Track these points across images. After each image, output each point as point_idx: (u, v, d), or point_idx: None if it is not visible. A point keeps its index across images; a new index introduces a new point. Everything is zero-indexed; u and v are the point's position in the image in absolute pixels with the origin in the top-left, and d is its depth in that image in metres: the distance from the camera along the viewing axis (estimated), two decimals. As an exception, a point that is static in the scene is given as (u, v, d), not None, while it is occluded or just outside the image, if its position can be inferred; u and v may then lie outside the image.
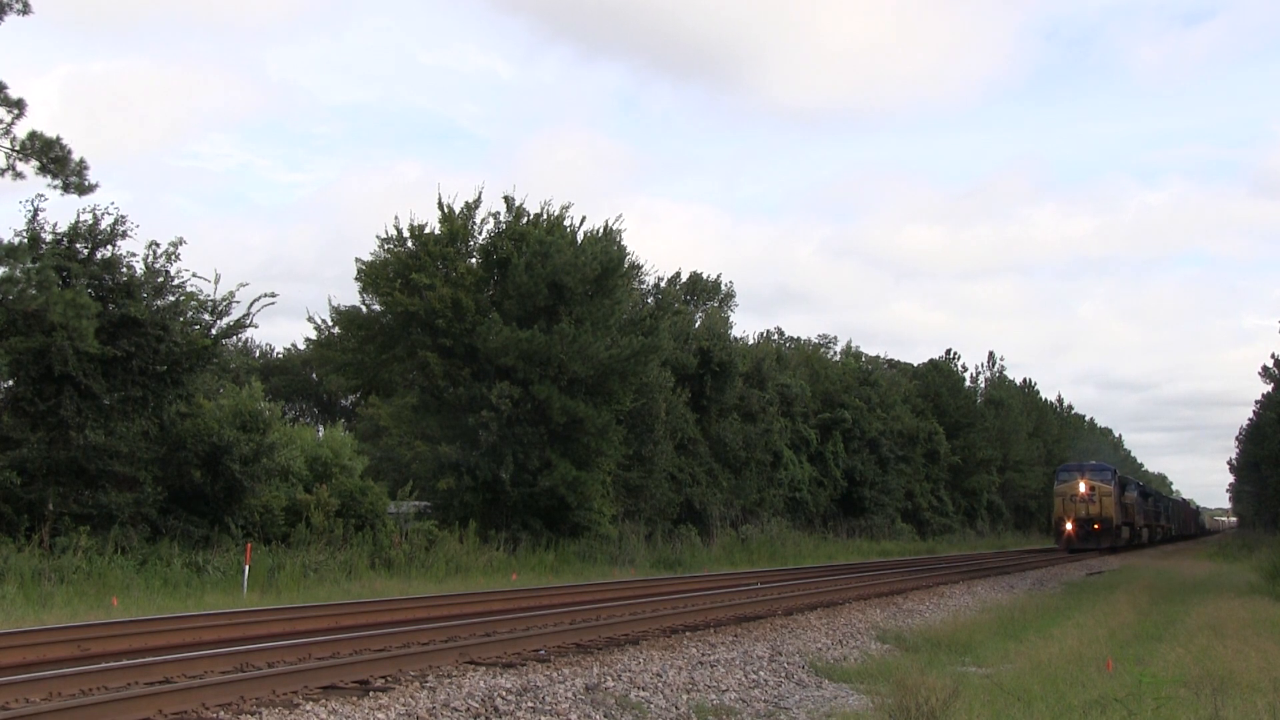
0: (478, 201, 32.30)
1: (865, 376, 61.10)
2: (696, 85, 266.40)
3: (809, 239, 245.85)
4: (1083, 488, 50.29)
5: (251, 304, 24.57)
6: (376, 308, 31.79)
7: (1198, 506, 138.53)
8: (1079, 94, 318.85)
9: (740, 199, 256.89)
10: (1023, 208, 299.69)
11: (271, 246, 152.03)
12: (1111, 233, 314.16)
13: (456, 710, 8.95)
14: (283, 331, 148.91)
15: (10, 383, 21.48)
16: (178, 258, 23.45)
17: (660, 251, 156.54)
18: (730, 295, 53.42)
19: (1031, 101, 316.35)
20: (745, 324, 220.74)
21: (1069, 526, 50.16)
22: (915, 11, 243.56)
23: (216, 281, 24.06)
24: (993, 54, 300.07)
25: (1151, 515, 69.14)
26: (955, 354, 77.64)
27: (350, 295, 32.38)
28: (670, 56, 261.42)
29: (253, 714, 8.49)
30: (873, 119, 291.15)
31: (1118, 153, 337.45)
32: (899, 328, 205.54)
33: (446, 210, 31.92)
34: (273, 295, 24.69)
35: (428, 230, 31.59)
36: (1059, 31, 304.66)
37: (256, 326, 57.74)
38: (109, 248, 22.59)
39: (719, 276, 53.94)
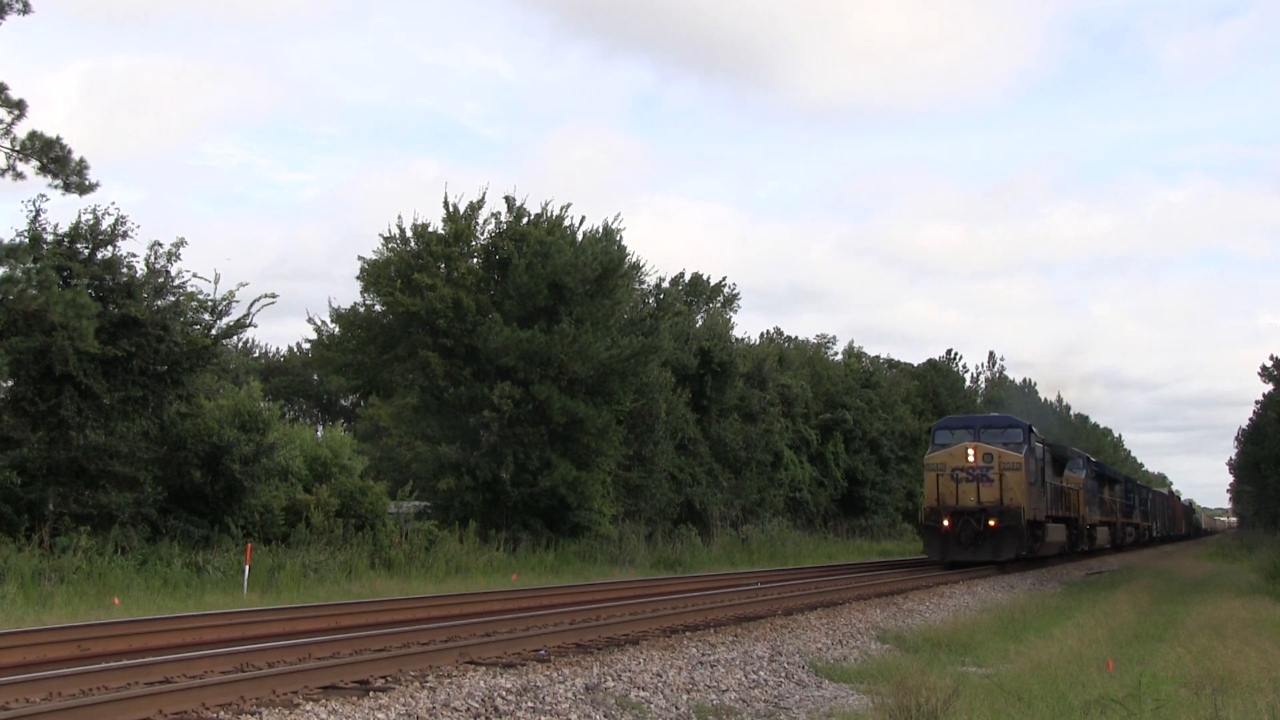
0: (481, 201, 32.41)
1: (867, 378, 61.11)
2: (722, 81, 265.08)
3: (825, 237, 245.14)
4: (970, 455, 31.36)
5: (252, 304, 24.61)
6: (377, 308, 31.82)
7: (1191, 502, 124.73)
8: (1106, 90, 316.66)
9: (757, 197, 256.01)
10: (1044, 205, 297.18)
11: (282, 245, 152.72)
12: (1131, 231, 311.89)
13: (456, 710, 8.95)
14: (292, 330, 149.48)
15: (11, 383, 21.49)
16: (178, 258, 23.50)
17: (674, 250, 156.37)
18: (733, 296, 53.45)
19: (1058, 98, 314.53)
20: (757, 323, 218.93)
21: (946, 521, 31.18)
22: (948, 6, 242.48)
23: (216, 281, 24.10)
24: (1022, 49, 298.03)
25: (1119, 509, 52.94)
26: (956, 354, 77.75)
27: (357, 295, 32.40)
28: (696, 52, 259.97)
29: (253, 714, 8.49)
30: (899, 115, 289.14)
31: (1140, 150, 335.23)
32: (911, 327, 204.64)
33: (451, 210, 31.98)
34: (272, 295, 24.74)
35: (431, 230, 31.64)
36: (1088, 27, 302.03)
37: (256, 326, 57.79)
38: (110, 248, 22.63)
39: (723, 279, 53.91)
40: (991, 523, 30.76)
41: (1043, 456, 34.40)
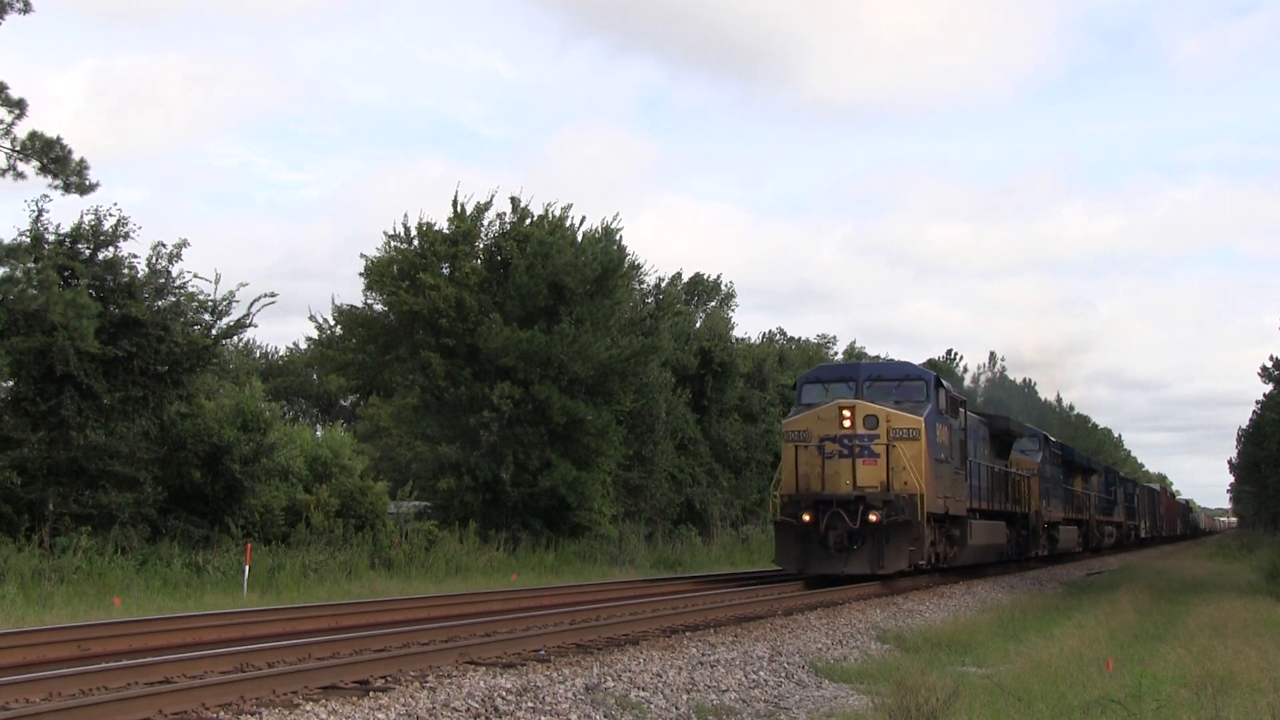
0: (489, 203, 32.45)
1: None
2: (731, 80, 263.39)
3: (831, 236, 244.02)
4: (846, 419, 22.01)
5: (252, 304, 24.61)
6: (379, 307, 31.83)
7: (1189, 501, 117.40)
8: (1115, 89, 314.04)
9: (764, 196, 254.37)
10: (1052, 205, 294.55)
11: (286, 245, 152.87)
12: (1139, 231, 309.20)
13: (456, 710, 8.95)
14: (295, 330, 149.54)
15: (11, 383, 21.52)
16: (180, 258, 23.53)
17: (679, 249, 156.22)
18: (731, 295, 53.46)
19: (1068, 97, 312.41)
20: (763, 323, 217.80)
21: (807, 515, 21.83)
22: (958, 4, 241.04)
23: (217, 282, 24.12)
24: (1032, 48, 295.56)
25: (1094, 504, 44.85)
26: (956, 354, 77.81)
27: (359, 294, 32.43)
28: (707, 51, 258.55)
29: (253, 714, 8.49)
30: (907, 114, 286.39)
31: (1149, 149, 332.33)
32: (917, 326, 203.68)
33: (460, 209, 31.99)
34: (272, 295, 24.70)
35: (436, 228, 31.65)
36: (1099, 25, 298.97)
37: (256, 326, 57.81)
38: (111, 248, 22.66)
39: (719, 277, 53.95)
40: (872, 517, 21.39)
41: (966, 426, 25.68)
